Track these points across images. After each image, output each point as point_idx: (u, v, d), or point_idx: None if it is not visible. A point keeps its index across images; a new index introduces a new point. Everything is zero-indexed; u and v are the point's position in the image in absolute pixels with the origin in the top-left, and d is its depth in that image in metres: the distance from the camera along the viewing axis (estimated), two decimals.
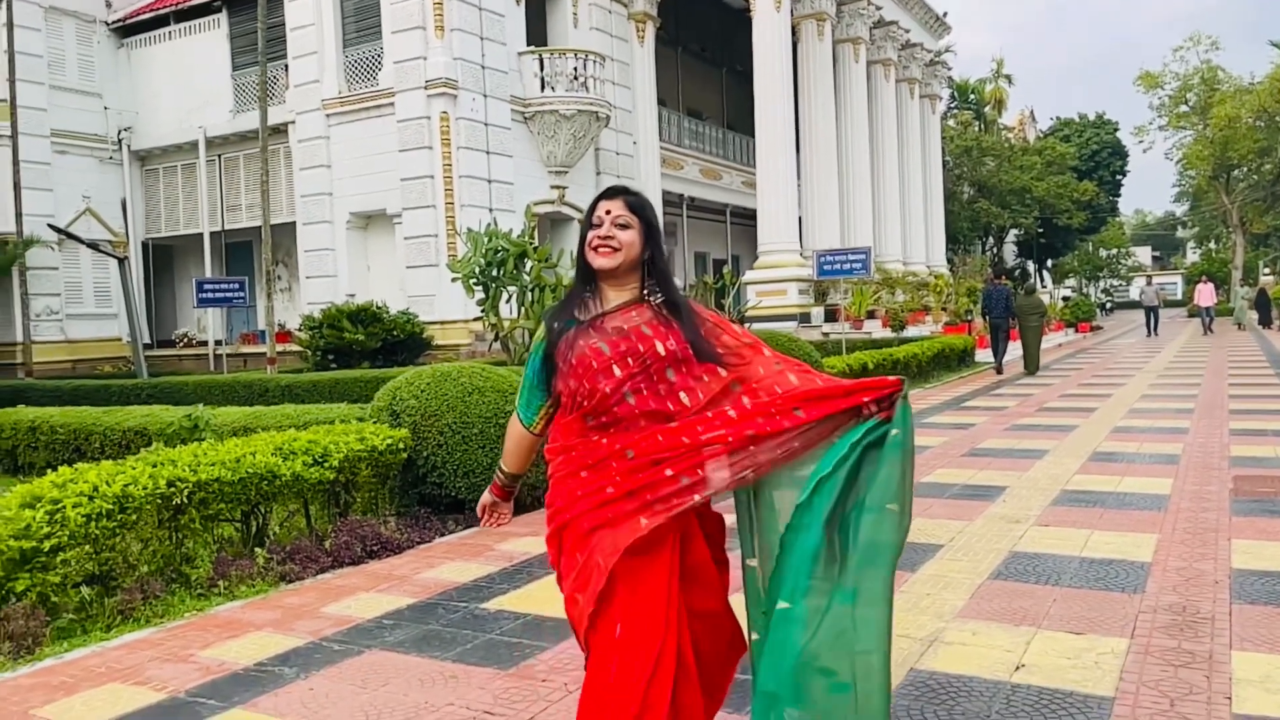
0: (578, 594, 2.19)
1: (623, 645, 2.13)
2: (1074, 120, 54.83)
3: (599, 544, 2.15)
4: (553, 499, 2.26)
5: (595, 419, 2.20)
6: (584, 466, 2.20)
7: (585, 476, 2.19)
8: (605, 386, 2.17)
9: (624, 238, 2.25)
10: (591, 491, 2.17)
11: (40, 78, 21.09)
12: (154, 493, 4.56)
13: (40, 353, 20.09)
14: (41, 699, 3.47)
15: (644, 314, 2.26)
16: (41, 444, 8.55)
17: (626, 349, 2.19)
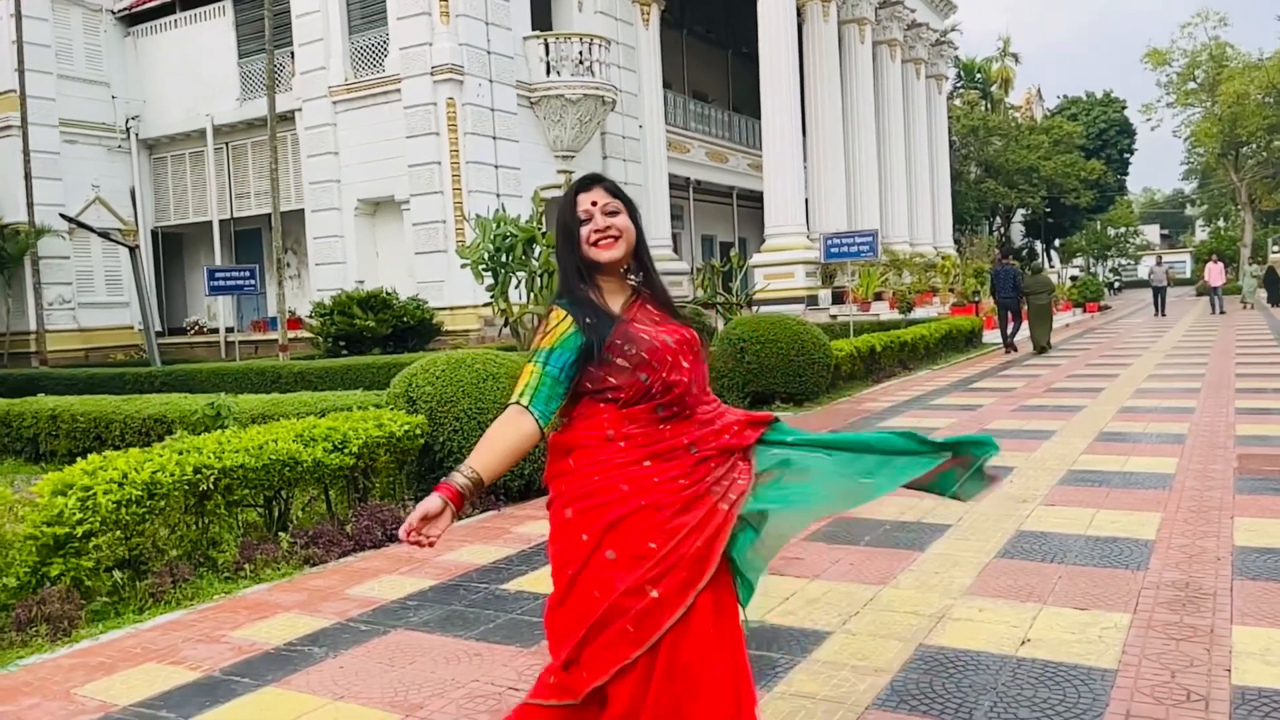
0: (651, 585, 2.04)
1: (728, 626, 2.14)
2: (1081, 99, 54.52)
3: (696, 531, 2.08)
4: (601, 488, 2.09)
5: (666, 410, 2.14)
6: (649, 455, 2.11)
7: (650, 465, 2.11)
8: (682, 378, 2.15)
9: (620, 224, 2.21)
10: (666, 480, 2.10)
11: (48, 67, 21.20)
12: (181, 479, 4.69)
13: (54, 341, 20.28)
14: (82, 678, 3.61)
15: (647, 308, 2.24)
16: (62, 432, 8.69)
17: (680, 339, 2.18)
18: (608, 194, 2.23)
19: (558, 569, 2.14)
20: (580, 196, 2.23)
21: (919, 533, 5.18)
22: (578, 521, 2.10)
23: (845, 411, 10.37)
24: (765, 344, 10.67)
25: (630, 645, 2.04)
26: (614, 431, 2.13)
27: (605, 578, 2.06)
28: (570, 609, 2.10)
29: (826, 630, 3.76)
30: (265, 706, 3.29)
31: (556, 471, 2.18)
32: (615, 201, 2.22)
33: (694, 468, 2.14)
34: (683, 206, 28.41)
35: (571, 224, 2.22)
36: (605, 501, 2.08)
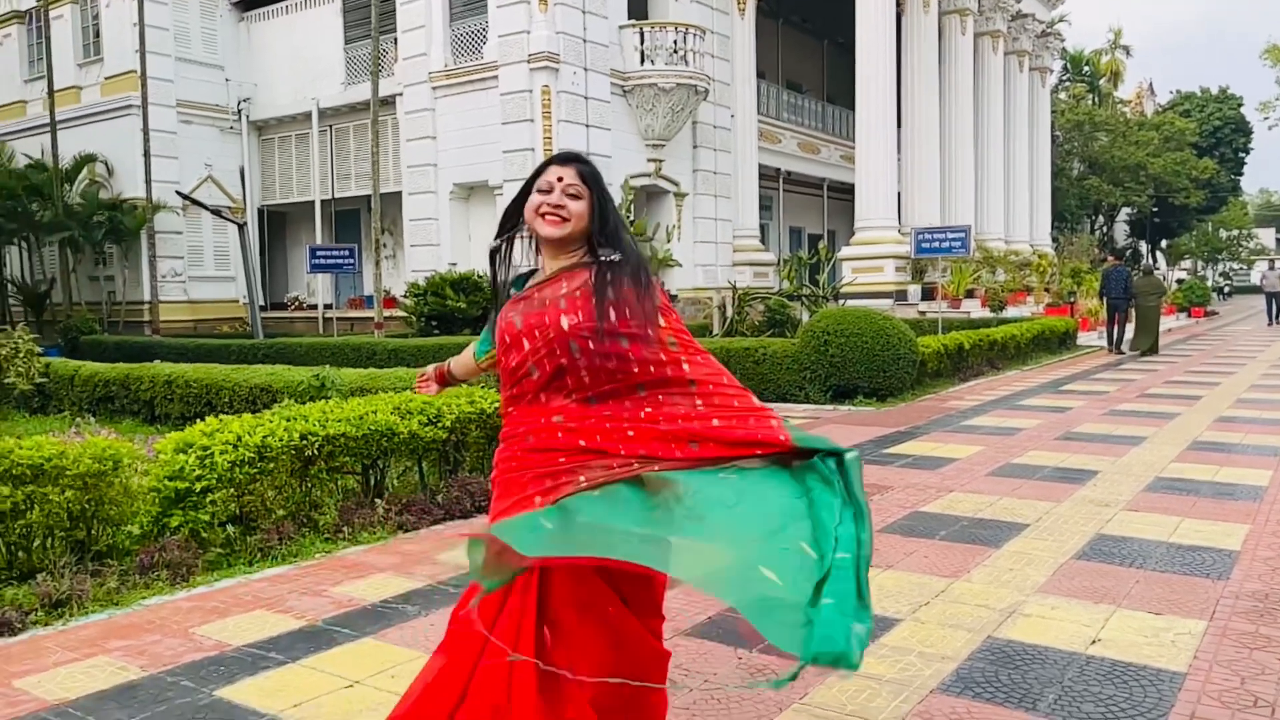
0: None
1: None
2: (1195, 94, 52.27)
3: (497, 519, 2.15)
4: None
5: (507, 391, 2.21)
6: (502, 438, 2.24)
7: (500, 448, 2.23)
8: (512, 360, 2.17)
9: (574, 208, 2.18)
10: (498, 463, 2.22)
11: (167, 50, 22.25)
12: (288, 444, 5.01)
13: (165, 312, 21.34)
14: (199, 620, 3.93)
15: (575, 281, 2.17)
16: (176, 396, 9.25)
17: (535, 323, 2.15)
18: (578, 176, 2.20)
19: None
20: (552, 167, 2.22)
21: (995, 530, 5.21)
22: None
23: (929, 408, 10.31)
24: (849, 337, 10.66)
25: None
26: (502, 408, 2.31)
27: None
28: None
29: (896, 617, 3.86)
30: (363, 655, 3.54)
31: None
32: (581, 185, 2.20)
33: (523, 455, 2.13)
34: (772, 197, 28.31)
35: (528, 187, 2.25)
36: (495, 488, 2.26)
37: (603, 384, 2.12)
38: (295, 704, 3.13)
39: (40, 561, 4.29)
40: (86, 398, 10.22)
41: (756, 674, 3.33)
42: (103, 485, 4.39)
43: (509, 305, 2.24)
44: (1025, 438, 8.25)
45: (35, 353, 9.46)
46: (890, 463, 7.21)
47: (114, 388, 9.98)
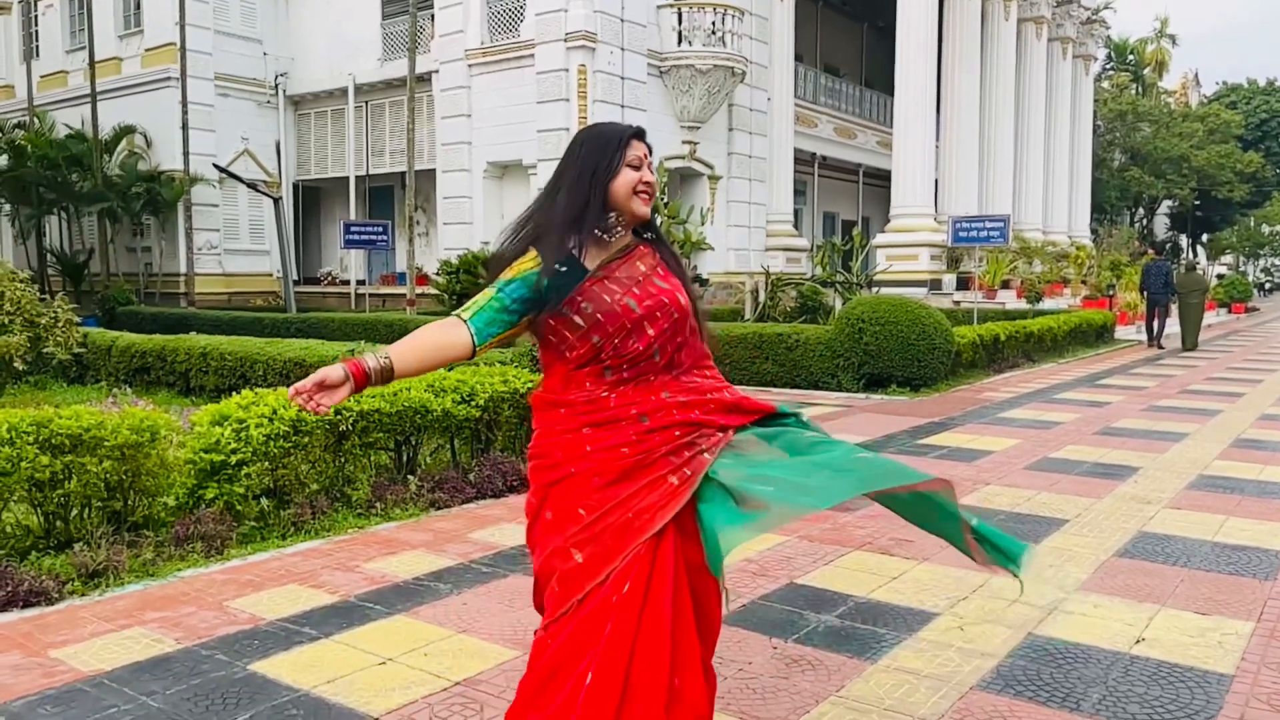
0: (576, 549, 2.06)
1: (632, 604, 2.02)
2: (1242, 86, 51.17)
3: (626, 503, 2.06)
4: (549, 450, 2.13)
5: (616, 375, 2.11)
6: (587, 424, 2.10)
7: (587, 433, 2.09)
8: (637, 345, 2.09)
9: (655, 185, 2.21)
10: (602, 449, 2.08)
11: (206, 23, 22.35)
12: (323, 419, 5.01)
13: (201, 284, 21.55)
14: (233, 593, 3.94)
15: (647, 259, 2.18)
16: (211, 368, 9.31)
17: (653, 304, 2.11)
18: (649, 152, 2.21)
19: (528, 518, 2.22)
20: (635, 143, 2.17)
21: (1034, 525, 5.11)
22: (530, 480, 2.20)
23: (963, 399, 10.18)
24: (884, 325, 10.54)
25: (557, 604, 2.07)
26: (559, 397, 2.14)
27: (545, 536, 2.13)
28: (535, 558, 2.18)
29: (934, 611, 3.79)
30: (395, 632, 3.53)
31: (534, 424, 2.24)
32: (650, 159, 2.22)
33: (643, 437, 2.08)
34: (806, 182, 28.05)
35: (614, 161, 2.13)
36: (545, 466, 2.14)
37: (691, 358, 2.22)
38: (329, 680, 3.12)
39: (77, 531, 4.32)
40: (123, 368, 10.32)
41: (792, 665, 3.28)
42: (140, 456, 4.40)
43: (594, 285, 2.09)
44: (1063, 432, 8.12)
45: (74, 322, 9.55)
46: (925, 454, 7.12)
47: (150, 359, 10.06)
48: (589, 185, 2.12)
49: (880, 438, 7.79)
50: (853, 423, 8.52)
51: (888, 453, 7.07)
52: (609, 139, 2.16)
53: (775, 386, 11.10)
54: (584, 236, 2.10)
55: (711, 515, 2.03)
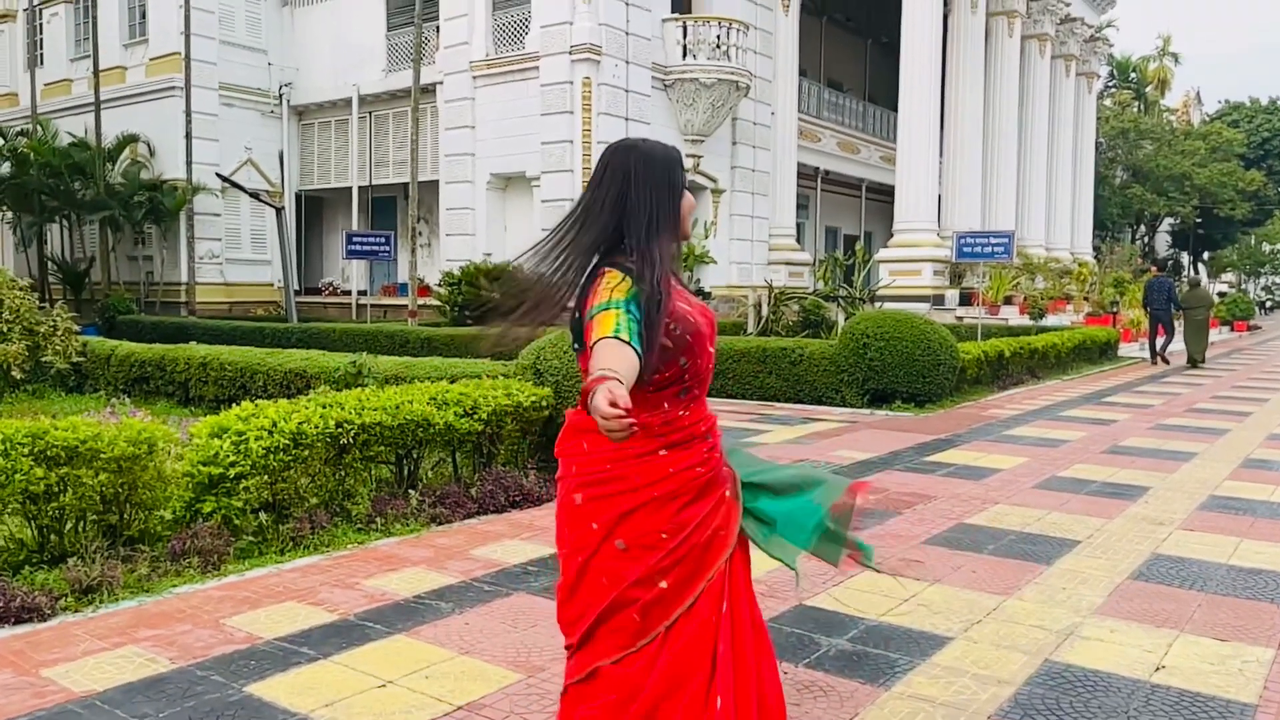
0: (662, 576, 2.01)
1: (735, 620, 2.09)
2: (1244, 104, 51.29)
3: (706, 522, 2.06)
4: (624, 474, 2.02)
5: (689, 394, 2.09)
6: (665, 445, 2.04)
7: (666, 455, 2.04)
8: (707, 363, 2.12)
9: None
10: (682, 470, 2.05)
11: (211, 33, 22.37)
12: (324, 432, 4.93)
13: (202, 293, 21.50)
14: (229, 610, 3.85)
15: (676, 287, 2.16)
16: (211, 379, 9.23)
17: (707, 321, 2.14)
18: None
19: (567, 555, 2.08)
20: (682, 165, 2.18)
21: (1045, 546, 5.03)
22: (588, 510, 2.04)
23: (968, 416, 10.09)
24: (889, 341, 10.47)
25: (635, 636, 2.02)
26: (638, 417, 2.01)
27: (615, 567, 2.02)
28: (581, 597, 2.06)
29: (947, 635, 3.70)
30: (396, 653, 3.45)
31: (570, 450, 2.09)
32: None
33: (708, 454, 2.11)
34: (809, 196, 28.04)
35: (680, 184, 2.12)
36: (618, 492, 2.02)
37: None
38: (326, 703, 3.03)
39: (72, 545, 4.23)
40: (122, 378, 10.24)
41: (804, 691, 3.19)
42: (137, 469, 4.32)
43: (676, 305, 2.05)
44: (1070, 450, 8.04)
45: (73, 331, 9.48)
46: (932, 471, 7.03)
47: (150, 368, 9.99)
48: (669, 204, 2.09)
49: (886, 454, 7.70)
50: (858, 439, 8.43)
51: (894, 470, 6.99)
52: (673, 160, 2.13)
53: (778, 401, 11.02)
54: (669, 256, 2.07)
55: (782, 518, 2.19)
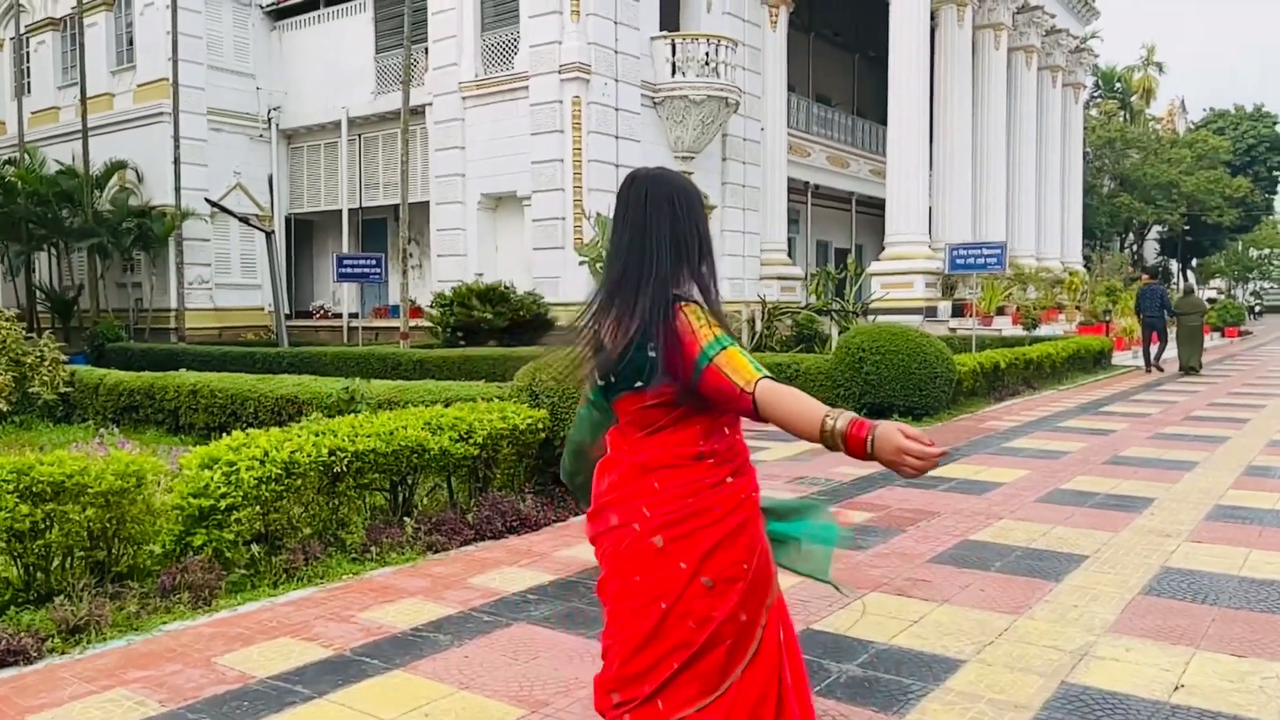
0: (744, 610, 1.99)
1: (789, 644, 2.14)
2: (1229, 112, 51.64)
3: (766, 546, 2.07)
4: (709, 505, 1.99)
5: (736, 417, 2.09)
6: (731, 472, 2.05)
7: (733, 481, 2.04)
8: None
9: None
10: (750, 495, 2.07)
11: (199, 58, 22.34)
12: (317, 460, 4.83)
13: (191, 319, 21.37)
14: (221, 648, 3.74)
15: None
16: (201, 406, 9.11)
17: None
18: None
19: (644, 605, 1.97)
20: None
21: (1053, 562, 4.94)
22: (673, 551, 1.97)
23: (967, 429, 10.03)
24: (885, 355, 10.40)
25: (721, 676, 1.97)
26: (703, 448, 2.02)
27: (701, 607, 1.96)
28: (659, 646, 1.97)
29: (959, 658, 3.61)
30: (394, 690, 3.34)
31: (636, 492, 2.00)
32: None
33: (755, 478, 2.13)
34: (800, 211, 28.05)
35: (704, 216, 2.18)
36: (703, 526, 1.97)
37: None
38: None
39: (59, 583, 4.12)
40: (111, 407, 10.11)
41: None
42: (125, 503, 4.21)
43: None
44: (1071, 461, 7.97)
45: (60, 361, 9.36)
46: (933, 486, 6.95)
47: (138, 397, 9.86)
48: (706, 230, 2.15)
49: (885, 470, 7.61)
50: None
51: (895, 486, 6.91)
52: (697, 193, 2.18)
53: None
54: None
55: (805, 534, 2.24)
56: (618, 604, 2.02)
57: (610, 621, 2.06)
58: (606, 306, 2.06)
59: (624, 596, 2.00)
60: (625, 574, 2.01)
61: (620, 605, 2.02)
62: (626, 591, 2.00)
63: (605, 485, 2.08)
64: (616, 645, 2.03)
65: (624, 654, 2.00)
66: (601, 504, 2.08)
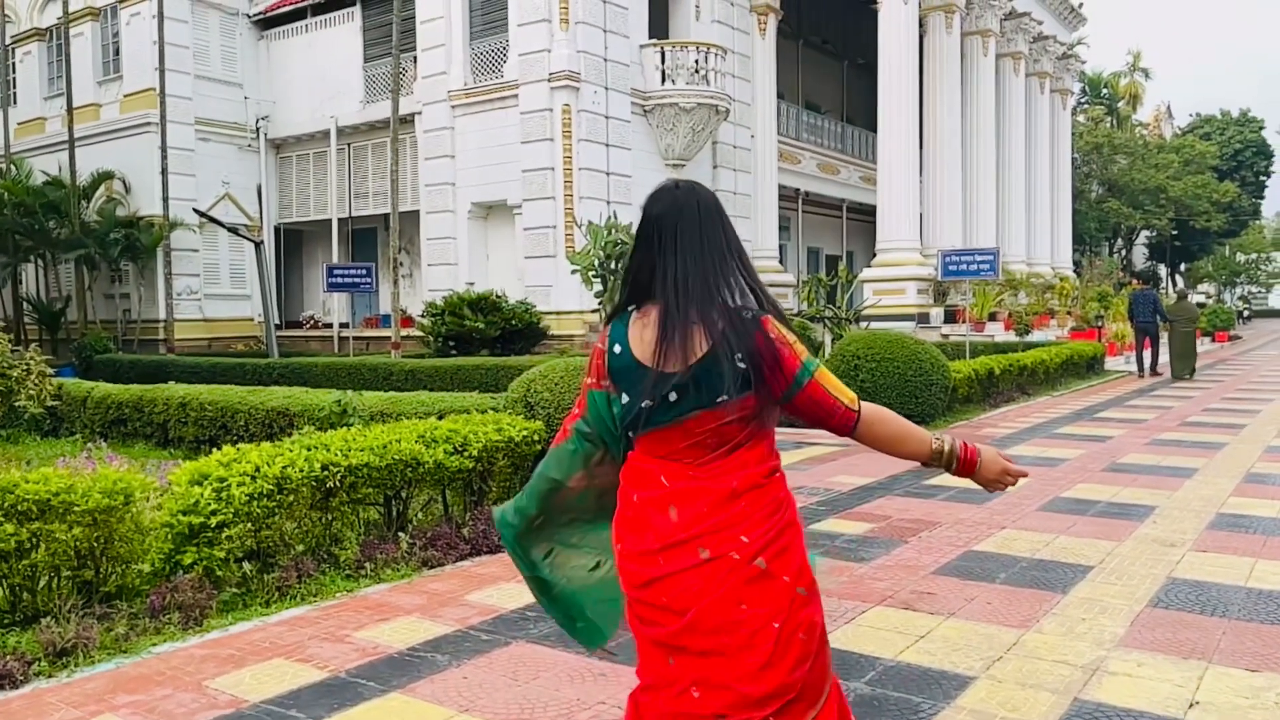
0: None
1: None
2: (1215, 117, 51.98)
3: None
4: (791, 517, 1.99)
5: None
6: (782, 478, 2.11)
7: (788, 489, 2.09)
8: None
9: None
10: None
11: (187, 68, 22.22)
12: (309, 475, 4.74)
13: (180, 330, 21.19)
14: (213, 670, 3.64)
15: None
16: (190, 419, 8.99)
17: None
18: None
19: (759, 628, 1.88)
20: None
21: (1058, 573, 4.88)
22: (777, 568, 1.91)
23: (963, 436, 9.93)
24: (881, 362, 10.36)
25: (825, 682, 1.99)
26: (774, 463, 1.99)
27: (805, 616, 1.93)
28: (781, 664, 1.90)
29: (969, 675, 3.54)
30: (392, 713, 3.25)
31: (730, 519, 1.89)
32: None
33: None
34: (790, 218, 28.07)
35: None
36: (793, 537, 1.96)
37: None
38: None
39: (45, 604, 4.01)
40: (99, 420, 9.99)
41: None
42: (113, 521, 4.11)
43: None
44: (1070, 469, 7.92)
45: (47, 374, 9.22)
46: (933, 495, 6.89)
47: (127, 410, 9.74)
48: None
49: (885, 479, 7.56)
50: (854, 463, 8.28)
51: (895, 495, 6.85)
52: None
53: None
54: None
55: None
56: (721, 639, 1.89)
57: (706, 661, 1.90)
58: (678, 317, 1.91)
59: (729, 630, 1.89)
60: (727, 607, 1.89)
61: (726, 640, 1.89)
62: (732, 625, 1.89)
63: (686, 517, 1.91)
64: (726, 679, 1.91)
65: (742, 684, 1.90)
66: (683, 537, 1.91)
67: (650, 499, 1.94)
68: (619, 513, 2.01)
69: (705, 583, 1.88)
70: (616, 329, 2.00)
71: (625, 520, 1.98)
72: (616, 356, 1.97)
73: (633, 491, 1.98)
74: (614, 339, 1.99)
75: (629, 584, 1.98)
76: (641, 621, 1.96)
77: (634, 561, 1.95)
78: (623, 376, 1.96)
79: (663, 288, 1.95)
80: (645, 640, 1.97)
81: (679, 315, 1.90)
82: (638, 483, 1.97)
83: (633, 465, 2.00)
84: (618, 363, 1.97)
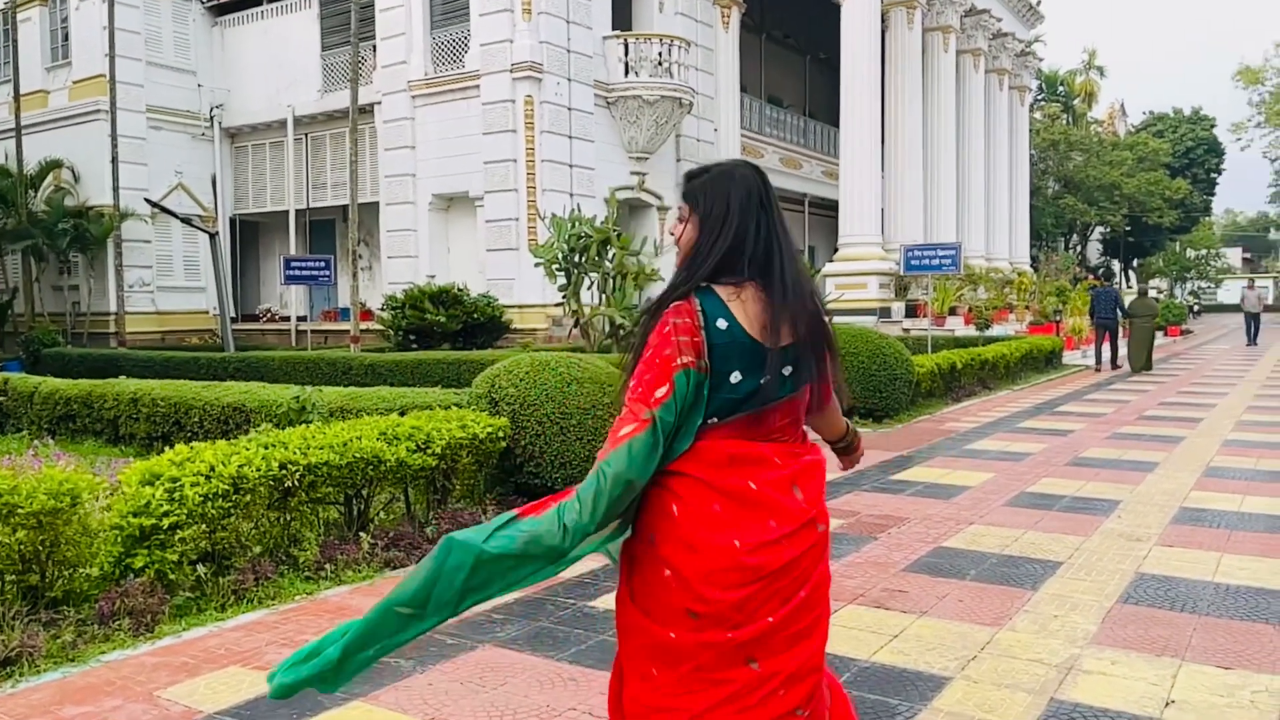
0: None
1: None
2: (1168, 115, 52.91)
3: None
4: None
5: None
6: None
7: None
8: None
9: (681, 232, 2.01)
10: None
11: (138, 54, 21.68)
12: (266, 475, 4.58)
13: (132, 323, 20.69)
14: (165, 679, 3.49)
15: None
16: (142, 415, 8.72)
17: None
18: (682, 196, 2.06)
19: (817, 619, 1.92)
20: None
21: (1027, 568, 4.87)
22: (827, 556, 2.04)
23: (928, 431, 10.00)
24: (845, 356, 10.34)
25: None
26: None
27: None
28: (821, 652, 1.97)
29: (944, 675, 3.49)
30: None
31: (821, 497, 1.94)
32: (684, 206, 2.03)
33: None
34: None
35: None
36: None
37: None
38: None
39: None
40: (46, 416, 9.67)
41: None
42: (59, 523, 3.93)
43: None
44: (1034, 463, 7.96)
45: None
46: (900, 491, 6.88)
47: (76, 406, 9.43)
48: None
49: (851, 474, 7.52)
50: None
51: (862, 491, 6.82)
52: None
53: None
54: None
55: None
56: (815, 614, 1.91)
57: (794, 650, 1.85)
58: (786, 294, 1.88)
59: (823, 602, 1.96)
60: (824, 579, 1.95)
61: (819, 613, 1.93)
62: (822, 597, 1.96)
63: (809, 494, 1.89)
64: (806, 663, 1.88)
65: (815, 658, 1.91)
66: (811, 515, 1.88)
67: (771, 481, 1.85)
68: (702, 514, 1.81)
69: (817, 559, 1.90)
70: (712, 304, 1.85)
71: (724, 518, 1.81)
72: (722, 332, 1.83)
73: (729, 482, 1.83)
74: (713, 314, 1.84)
75: (731, 585, 1.79)
76: (723, 626, 1.79)
77: (755, 556, 1.80)
78: (732, 353, 1.83)
79: (766, 263, 1.89)
80: (715, 652, 1.80)
81: (786, 292, 1.88)
82: (741, 470, 1.84)
83: (721, 452, 1.84)
84: (723, 338, 1.83)
